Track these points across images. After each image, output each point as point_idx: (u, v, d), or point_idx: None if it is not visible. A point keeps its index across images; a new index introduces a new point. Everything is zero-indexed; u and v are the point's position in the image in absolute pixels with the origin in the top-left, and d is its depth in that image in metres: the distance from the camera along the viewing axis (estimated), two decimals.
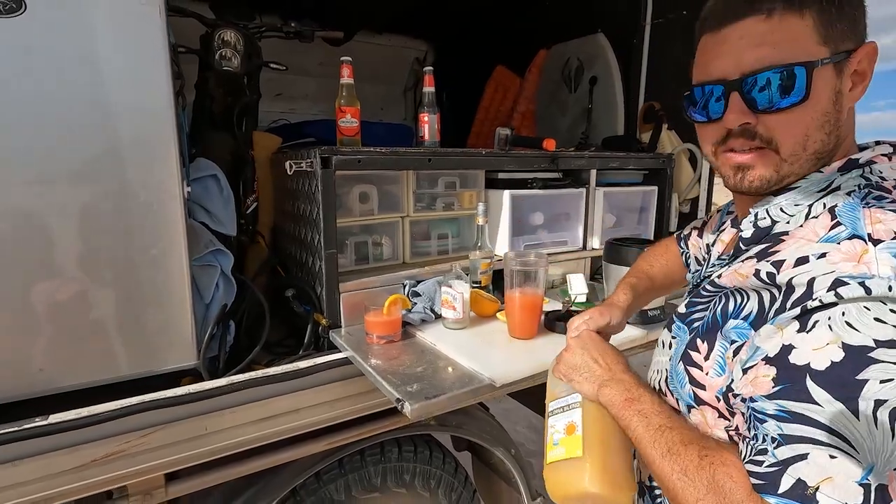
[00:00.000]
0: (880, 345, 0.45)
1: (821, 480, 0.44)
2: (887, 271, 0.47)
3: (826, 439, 0.45)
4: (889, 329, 0.46)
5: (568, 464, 0.67)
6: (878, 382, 0.44)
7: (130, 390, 0.95)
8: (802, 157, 0.59)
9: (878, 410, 0.44)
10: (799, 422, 0.47)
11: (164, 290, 1.00)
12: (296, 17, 1.94)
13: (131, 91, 0.91)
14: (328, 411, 1.12)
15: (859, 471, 0.44)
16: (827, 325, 0.48)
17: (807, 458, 0.45)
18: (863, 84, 0.58)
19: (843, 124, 0.59)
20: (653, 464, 0.59)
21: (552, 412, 0.74)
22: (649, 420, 0.62)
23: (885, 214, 0.52)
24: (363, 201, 1.34)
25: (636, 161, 1.73)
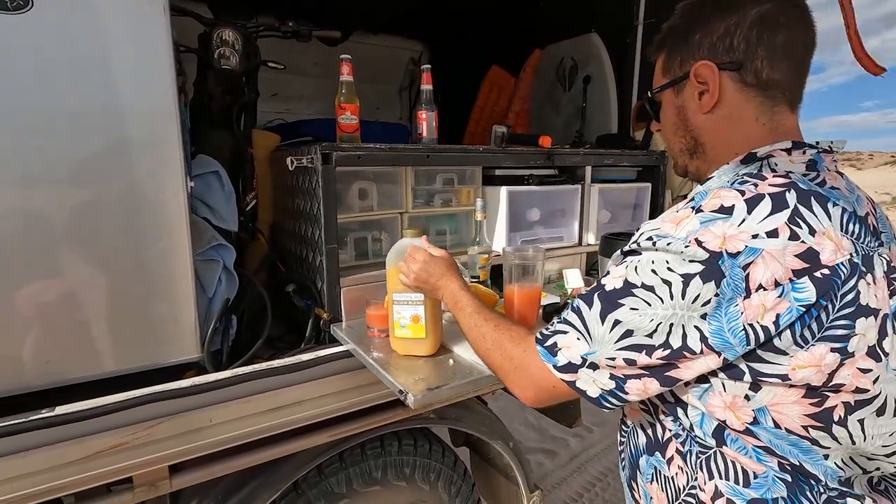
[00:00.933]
0: (643, 287, 0.63)
1: (564, 346, 0.70)
2: (682, 233, 0.61)
3: (580, 328, 0.68)
4: (655, 279, 0.62)
5: (414, 341, 1.07)
6: (628, 308, 0.64)
7: (136, 383, 0.96)
8: (676, 151, 0.80)
9: (615, 326, 0.65)
10: (576, 314, 0.69)
11: (168, 285, 1.01)
12: (293, 16, 1.95)
13: (137, 88, 0.92)
14: (331, 403, 1.13)
15: (586, 349, 0.67)
16: (626, 265, 0.66)
17: (566, 334, 0.70)
18: (708, 92, 0.72)
19: (698, 125, 0.75)
20: (469, 341, 0.89)
21: (397, 301, 1.06)
22: (465, 311, 0.90)
23: (729, 192, 0.62)
24: (362, 198, 1.36)
25: (630, 158, 1.76)
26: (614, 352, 0.65)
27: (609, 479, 2.59)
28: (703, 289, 0.59)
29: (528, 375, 0.73)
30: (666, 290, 0.61)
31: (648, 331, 0.62)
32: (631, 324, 0.63)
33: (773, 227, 0.58)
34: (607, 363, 0.66)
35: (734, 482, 0.67)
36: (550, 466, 2.68)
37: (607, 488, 2.52)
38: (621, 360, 0.65)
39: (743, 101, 0.71)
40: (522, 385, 0.75)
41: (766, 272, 0.56)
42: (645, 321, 0.62)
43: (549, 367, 0.70)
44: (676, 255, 0.61)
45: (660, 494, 0.76)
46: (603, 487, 2.52)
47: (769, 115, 0.70)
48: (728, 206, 0.60)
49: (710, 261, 0.58)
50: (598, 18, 2.02)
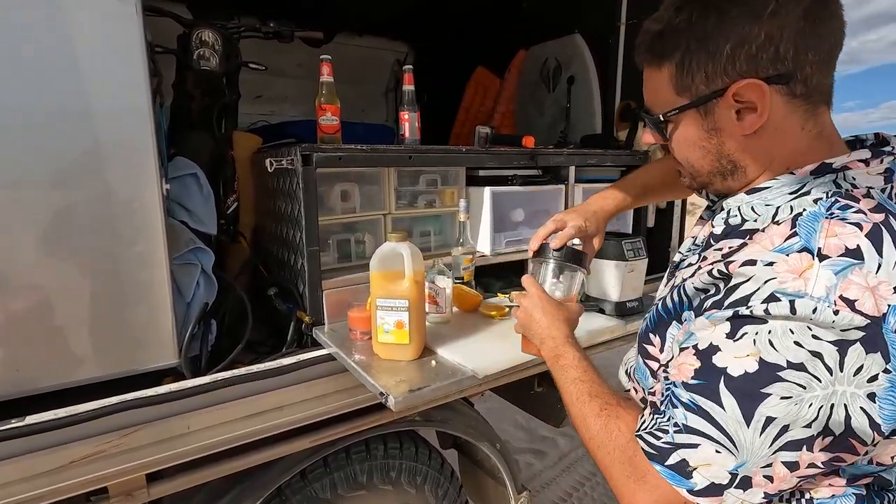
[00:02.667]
0: (790, 366, 0.50)
1: (701, 464, 0.54)
2: (821, 291, 0.49)
3: (718, 437, 0.53)
4: (802, 353, 0.49)
5: (397, 346, 1.05)
6: (779, 398, 0.50)
7: (112, 391, 0.93)
8: (704, 175, 0.68)
9: (768, 425, 0.51)
10: (703, 417, 0.54)
11: (144, 289, 0.99)
12: (275, 17, 1.94)
13: (109, 89, 0.90)
14: (313, 407, 1.12)
15: (733, 463, 0.52)
16: (753, 338, 0.52)
17: (696, 448, 0.54)
18: (755, 112, 0.59)
19: (738, 147, 0.63)
20: (567, 408, 0.73)
21: (380, 307, 1.04)
22: (567, 373, 0.74)
23: (844, 228, 0.52)
24: (345, 199, 1.35)
25: (613, 158, 1.77)
26: (770, 455, 0.51)
27: (598, 479, 2.59)
28: (867, 360, 0.48)
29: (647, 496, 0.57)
30: (819, 364, 0.49)
31: (808, 420, 0.50)
32: (789, 416, 0.50)
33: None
34: (763, 475, 0.52)
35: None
36: (539, 467, 2.68)
37: (596, 487, 2.52)
38: (780, 467, 0.51)
39: (789, 114, 0.60)
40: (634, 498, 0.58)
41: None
42: (803, 409, 0.49)
43: (681, 491, 0.55)
44: (824, 324, 0.49)
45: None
46: (592, 486, 2.53)
47: (814, 121, 0.61)
48: (853, 248, 0.50)
49: (872, 327, 0.48)
50: (581, 19, 2.03)
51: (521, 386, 1.95)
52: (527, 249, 1.58)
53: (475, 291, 1.38)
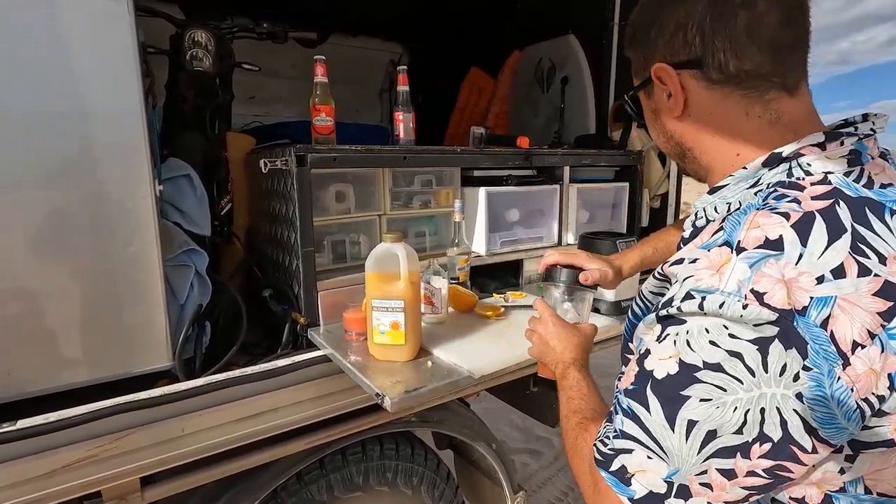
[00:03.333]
0: (707, 367, 0.48)
1: (637, 471, 0.53)
2: (733, 285, 0.48)
3: (647, 442, 0.52)
4: (719, 353, 0.47)
5: (393, 347, 1.05)
6: (698, 400, 0.48)
7: (105, 394, 0.93)
8: (670, 156, 0.72)
9: (691, 429, 0.49)
10: (635, 421, 0.53)
11: (137, 291, 0.98)
12: (269, 18, 1.93)
13: (101, 90, 0.90)
14: (308, 409, 1.11)
15: (666, 470, 0.51)
16: (673, 339, 0.51)
17: (631, 453, 0.53)
18: (674, 96, 0.63)
19: (677, 131, 0.66)
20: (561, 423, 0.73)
21: (376, 307, 1.04)
22: (565, 392, 0.77)
23: (769, 218, 0.50)
24: (339, 200, 1.34)
25: (608, 158, 1.78)
26: (701, 463, 0.49)
27: None
28: (787, 357, 0.45)
29: (596, 498, 0.57)
30: (739, 364, 0.47)
31: (736, 424, 0.47)
32: (710, 421, 0.48)
33: (837, 261, 0.46)
34: (699, 483, 0.49)
35: None
36: (535, 466, 2.68)
37: None
38: (715, 474, 0.48)
39: (718, 99, 0.60)
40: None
41: (852, 324, 0.45)
42: (726, 413, 0.47)
43: (622, 499, 0.53)
44: (736, 317, 0.47)
45: None
46: None
47: (763, 107, 0.59)
48: (774, 239, 0.48)
49: (783, 321, 0.45)
50: (574, 20, 2.03)
51: (517, 386, 1.95)
52: (522, 249, 1.59)
53: (471, 292, 1.38)
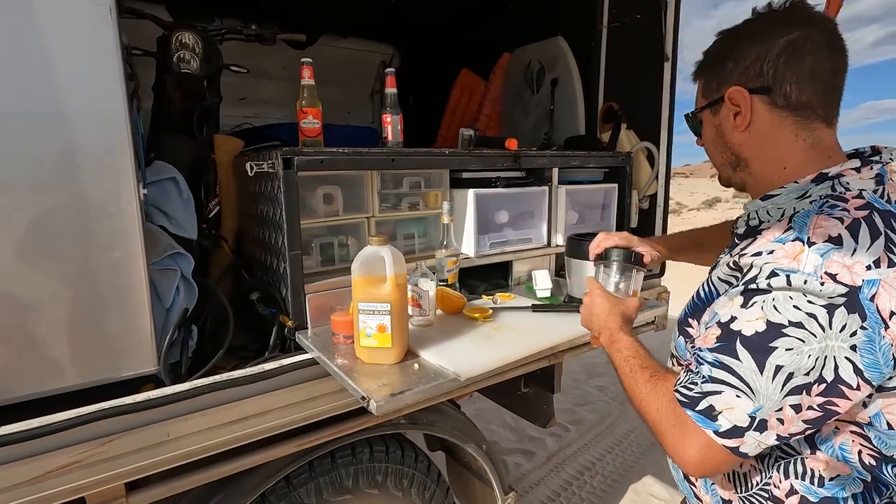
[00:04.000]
0: (791, 324, 0.63)
1: (725, 408, 0.66)
2: (810, 268, 0.63)
3: (738, 384, 0.65)
4: (801, 314, 0.62)
5: (380, 350, 1.06)
6: (784, 350, 0.63)
7: (89, 399, 0.92)
8: (719, 164, 0.87)
9: (777, 372, 0.63)
10: (724, 369, 0.67)
11: (122, 295, 0.97)
12: (257, 19, 1.92)
13: (83, 92, 0.89)
14: (296, 413, 1.11)
15: (752, 407, 0.64)
16: (761, 305, 0.65)
17: (720, 394, 0.66)
18: (741, 114, 0.78)
19: (736, 142, 0.81)
20: (623, 384, 0.84)
21: (362, 310, 1.05)
22: (621, 354, 0.86)
23: (828, 221, 0.65)
24: (328, 202, 1.34)
25: (596, 159, 1.78)
26: (781, 400, 0.63)
27: (586, 478, 2.61)
28: (849, 319, 0.60)
29: (685, 441, 0.68)
30: (814, 323, 0.61)
31: (807, 368, 0.62)
32: (793, 365, 0.62)
33: (877, 255, 0.62)
34: (776, 419, 0.64)
35: (809, 482, 0.71)
36: (528, 467, 2.69)
37: (584, 486, 2.54)
38: (788, 410, 0.63)
39: (778, 121, 0.76)
40: (685, 451, 0.69)
41: (890, 299, 0.61)
42: (804, 359, 0.62)
43: (708, 433, 0.66)
44: (815, 290, 0.62)
45: (726, 484, 0.80)
46: (580, 486, 2.54)
47: (808, 132, 0.75)
48: (835, 237, 0.64)
49: (851, 294, 0.61)
50: (564, 22, 2.04)
51: (508, 387, 1.96)
52: (511, 251, 1.59)
53: (459, 294, 1.38)
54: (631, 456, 2.82)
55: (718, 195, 22.45)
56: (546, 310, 1.40)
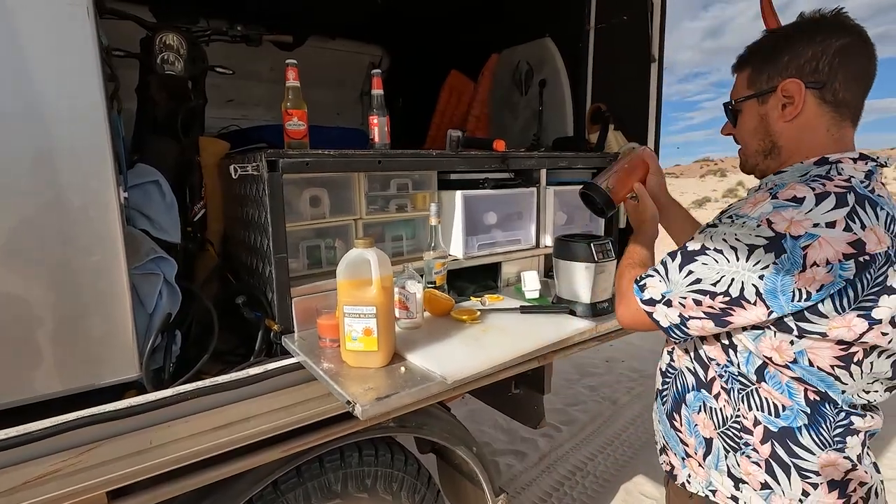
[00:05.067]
0: (715, 250, 0.81)
1: (651, 286, 0.90)
2: (756, 214, 0.78)
3: (662, 273, 0.89)
4: (724, 245, 0.80)
5: (366, 353, 1.05)
6: (700, 263, 0.82)
7: (70, 406, 0.90)
8: (751, 152, 0.96)
9: (688, 275, 0.84)
10: (661, 265, 0.90)
11: (102, 301, 0.96)
12: (243, 20, 1.90)
13: (60, 95, 0.88)
14: (282, 417, 1.10)
15: (664, 289, 0.88)
16: (705, 233, 0.85)
17: (652, 277, 0.91)
18: (793, 104, 0.86)
19: (778, 131, 0.90)
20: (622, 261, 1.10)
21: (348, 314, 1.05)
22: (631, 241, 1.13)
23: (803, 187, 0.77)
24: (314, 205, 1.33)
25: (584, 160, 1.79)
26: (685, 292, 0.84)
27: (577, 478, 2.61)
28: (764, 257, 0.75)
29: (625, 304, 0.96)
30: (732, 254, 0.78)
31: (713, 280, 0.80)
32: (700, 274, 0.82)
33: (833, 219, 0.73)
34: (679, 301, 0.85)
35: (768, 413, 0.86)
36: (520, 468, 2.69)
37: (575, 487, 2.54)
38: (690, 301, 0.83)
39: (819, 115, 0.85)
40: (620, 307, 0.98)
41: (820, 253, 0.72)
42: (712, 273, 0.80)
43: (637, 299, 0.92)
44: (747, 231, 0.77)
45: (707, 421, 0.94)
46: (571, 486, 2.54)
47: (837, 128, 0.85)
48: (800, 197, 0.76)
49: (775, 239, 0.74)
50: (551, 23, 2.05)
51: (499, 388, 1.96)
52: (499, 252, 1.59)
53: (447, 296, 1.37)
54: (622, 455, 2.83)
55: (708, 195, 22.66)
56: (535, 311, 1.39)
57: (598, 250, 1.33)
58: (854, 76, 0.83)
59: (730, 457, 0.91)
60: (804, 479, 0.84)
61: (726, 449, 0.91)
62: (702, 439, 0.95)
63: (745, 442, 0.89)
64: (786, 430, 0.84)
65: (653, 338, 3.37)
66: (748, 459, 0.88)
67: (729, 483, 0.92)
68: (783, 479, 0.85)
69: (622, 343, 4.29)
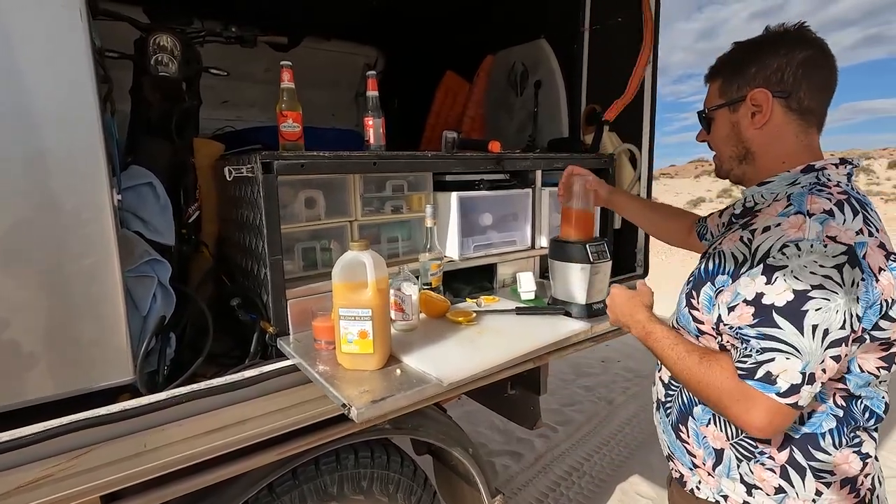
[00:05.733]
0: (814, 287, 0.74)
1: (780, 371, 0.75)
2: (813, 235, 0.76)
3: (785, 349, 0.75)
4: (817, 278, 0.74)
5: (362, 356, 1.04)
6: (814, 310, 0.73)
7: (64, 410, 0.90)
8: (725, 158, 0.99)
9: (815, 331, 0.73)
10: (770, 339, 0.76)
11: (96, 304, 0.95)
12: (238, 22, 1.90)
13: (53, 97, 0.87)
14: (277, 420, 1.10)
15: (801, 365, 0.74)
16: (783, 279, 0.76)
17: (774, 360, 0.75)
18: (761, 112, 0.90)
19: (749, 137, 0.93)
20: (671, 370, 0.92)
21: (343, 317, 1.04)
22: (662, 343, 0.94)
23: (821, 199, 0.80)
24: (309, 207, 1.33)
25: (579, 161, 1.79)
26: (822, 355, 0.74)
27: (574, 478, 2.61)
28: (854, 273, 0.74)
29: (755, 408, 0.77)
30: (832, 282, 0.73)
31: (839, 324, 0.73)
32: (826, 322, 0.73)
33: (860, 226, 0.77)
34: (821, 370, 0.75)
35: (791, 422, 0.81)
36: (516, 469, 2.69)
37: (572, 487, 2.54)
38: (830, 362, 0.75)
39: (787, 122, 0.89)
40: (752, 418, 0.77)
41: (876, 259, 0.76)
42: (832, 315, 0.73)
43: (771, 396, 0.75)
44: (820, 256, 0.74)
45: (717, 433, 0.91)
46: (568, 486, 2.55)
47: (805, 134, 0.90)
48: (829, 210, 0.78)
49: (850, 251, 0.74)
50: (546, 25, 2.05)
51: (495, 389, 1.96)
52: (495, 254, 1.59)
53: (443, 297, 1.37)
54: (618, 456, 2.84)
55: (703, 195, 22.76)
56: (530, 312, 1.40)
57: (593, 252, 1.33)
58: (818, 86, 0.88)
59: (742, 465, 0.89)
60: (818, 479, 0.84)
61: (739, 458, 0.89)
62: (711, 450, 0.92)
63: (760, 451, 0.87)
64: (808, 436, 0.83)
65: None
66: (762, 467, 0.87)
67: (741, 489, 0.90)
68: (797, 481, 0.85)
69: (618, 343, 4.30)
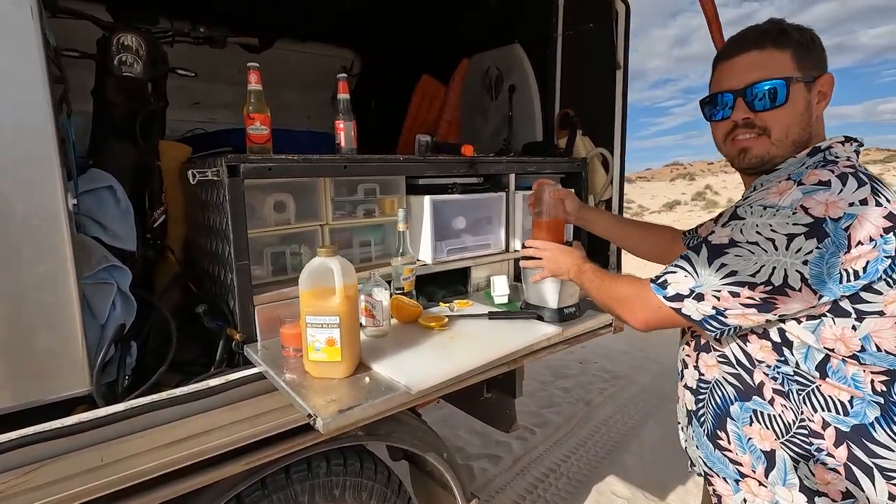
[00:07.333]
0: (748, 243, 0.79)
1: (674, 282, 0.87)
2: (787, 202, 0.78)
3: (688, 269, 0.86)
4: (759, 237, 0.79)
5: (329, 364, 1.03)
6: (733, 256, 0.81)
7: (17, 424, 0.86)
8: (785, 143, 0.91)
9: (721, 268, 0.81)
10: (685, 260, 0.87)
11: (50, 312, 0.91)
12: (208, 22, 1.86)
13: (1, 99, 0.84)
14: (244, 429, 1.07)
15: (693, 283, 0.85)
16: (731, 227, 0.83)
17: (675, 273, 0.88)
18: (825, 100, 0.90)
19: (813, 124, 0.90)
20: (594, 296, 1.08)
21: (310, 324, 1.02)
22: (590, 275, 1.10)
23: (822, 172, 0.80)
24: (279, 210, 1.31)
25: (552, 165, 1.81)
26: (719, 285, 0.81)
27: (551, 480, 2.63)
28: (806, 244, 0.75)
29: (640, 304, 0.92)
30: (769, 244, 0.77)
31: (751, 272, 0.78)
32: (735, 266, 0.80)
33: (863, 196, 0.76)
34: (713, 294, 0.82)
35: (835, 413, 0.80)
36: (494, 472, 2.69)
37: (549, 489, 2.55)
38: (726, 293, 0.81)
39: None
40: (634, 311, 0.93)
41: (862, 231, 0.74)
42: (748, 265, 0.79)
43: (659, 297, 0.88)
44: (782, 219, 0.77)
45: (764, 433, 0.86)
46: (545, 488, 2.56)
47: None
48: (826, 181, 0.78)
49: (815, 224, 0.75)
50: (520, 29, 2.06)
51: (471, 392, 1.95)
52: (469, 257, 1.59)
53: (415, 302, 1.36)
54: (595, 456, 2.86)
55: (678, 198, 23.22)
56: (503, 317, 1.40)
57: None
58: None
59: (801, 467, 0.82)
60: (889, 479, 0.77)
61: (795, 459, 0.82)
62: (760, 454, 0.86)
63: (816, 448, 0.80)
64: (858, 428, 0.78)
65: (624, 338, 3.40)
66: (824, 467, 0.80)
67: (801, 499, 0.82)
68: (867, 483, 0.78)
69: (594, 344, 4.35)
